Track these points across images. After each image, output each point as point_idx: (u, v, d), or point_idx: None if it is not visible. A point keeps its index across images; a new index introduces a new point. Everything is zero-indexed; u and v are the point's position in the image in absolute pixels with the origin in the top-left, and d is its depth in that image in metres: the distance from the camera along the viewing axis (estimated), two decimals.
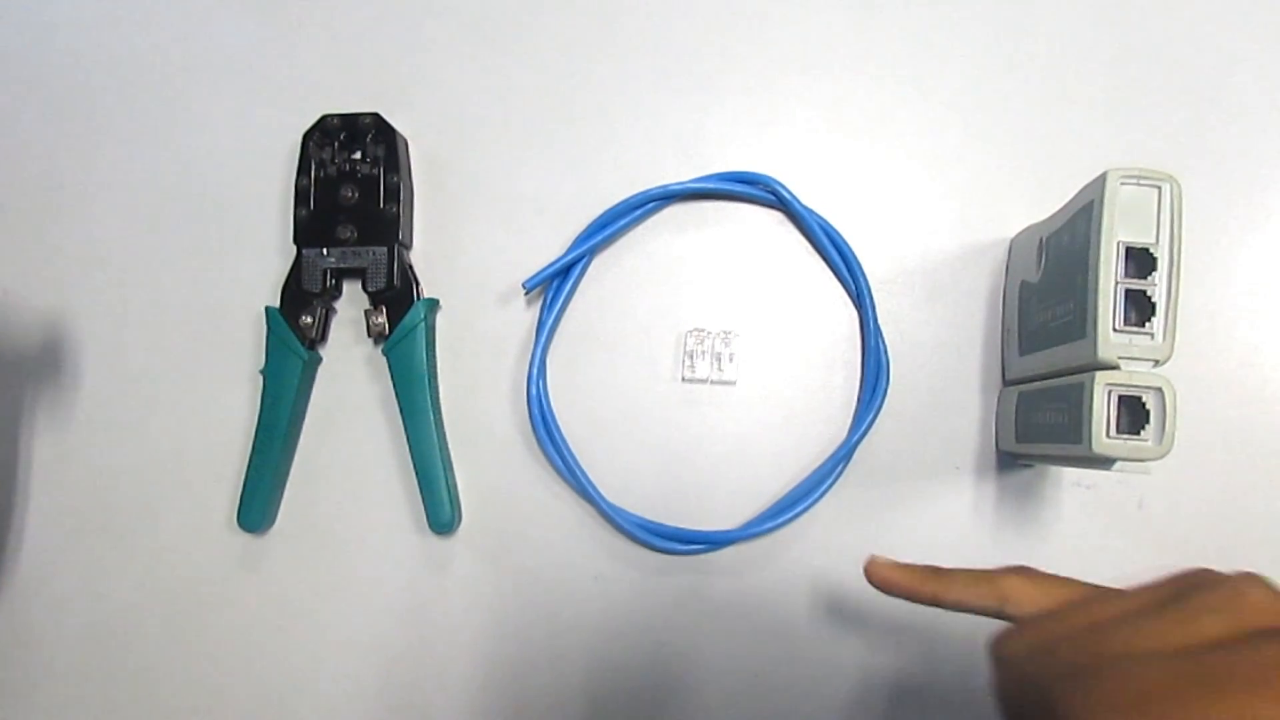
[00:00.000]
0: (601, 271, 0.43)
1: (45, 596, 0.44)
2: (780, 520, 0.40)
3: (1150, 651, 0.22)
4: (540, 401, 0.41)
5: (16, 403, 0.44)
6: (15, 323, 0.45)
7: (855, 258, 0.41)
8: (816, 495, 0.40)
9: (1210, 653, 0.21)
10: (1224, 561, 0.39)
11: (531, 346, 0.42)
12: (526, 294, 0.42)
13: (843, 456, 0.40)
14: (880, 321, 0.41)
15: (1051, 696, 0.22)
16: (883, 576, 0.31)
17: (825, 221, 0.41)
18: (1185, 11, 0.42)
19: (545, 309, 0.42)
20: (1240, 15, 0.42)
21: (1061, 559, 0.40)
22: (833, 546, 0.41)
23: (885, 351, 0.41)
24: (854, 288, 0.41)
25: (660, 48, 0.44)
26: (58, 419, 0.44)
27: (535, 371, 0.41)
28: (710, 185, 0.42)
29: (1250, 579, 0.24)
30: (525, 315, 0.43)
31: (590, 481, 0.40)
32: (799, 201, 0.41)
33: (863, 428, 0.40)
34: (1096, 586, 0.27)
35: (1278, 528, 0.39)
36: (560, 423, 0.41)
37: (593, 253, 0.42)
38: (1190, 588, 0.24)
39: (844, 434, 0.41)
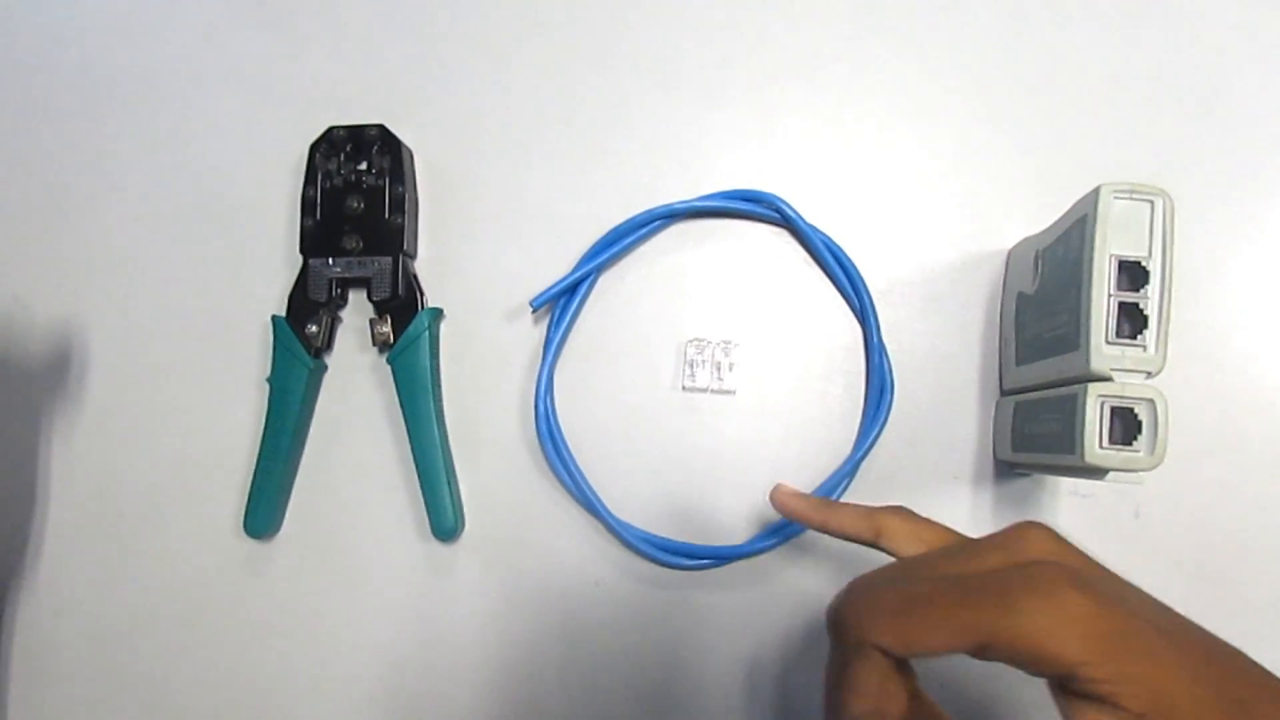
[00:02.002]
0: (606, 287, 0.43)
1: (54, 601, 0.44)
2: (785, 535, 0.40)
3: (934, 575, 0.26)
4: (548, 419, 0.41)
5: (26, 409, 0.45)
6: (25, 330, 0.46)
7: (859, 274, 0.41)
8: None
9: (978, 576, 0.25)
10: (1220, 570, 0.40)
11: (538, 362, 0.42)
12: (534, 312, 0.43)
13: (847, 472, 0.40)
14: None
15: (845, 608, 0.26)
16: (783, 502, 0.35)
17: (829, 239, 0.42)
18: (1181, 26, 0.43)
19: (552, 326, 0.42)
20: (1235, 30, 0.42)
21: None
22: (835, 560, 0.41)
23: (889, 368, 0.41)
24: (857, 304, 0.41)
25: (664, 65, 0.44)
26: (66, 425, 0.45)
27: (543, 388, 0.41)
28: (715, 204, 0.42)
29: (1034, 525, 0.27)
30: (528, 325, 0.43)
31: (599, 499, 0.41)
32: (803, 219, 0.41)
33: (867, 443, 0.40)
34: (960, 535, 0.30)
35: (1272, 536, 0.40)
36: (564, 434, 0.42)
37: (599, 270, 0.43)
38: (993, 536, 0.28)
39: (844, 444, 0.41)
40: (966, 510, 0.41)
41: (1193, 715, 0.23)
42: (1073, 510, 0.40)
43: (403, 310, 0.43)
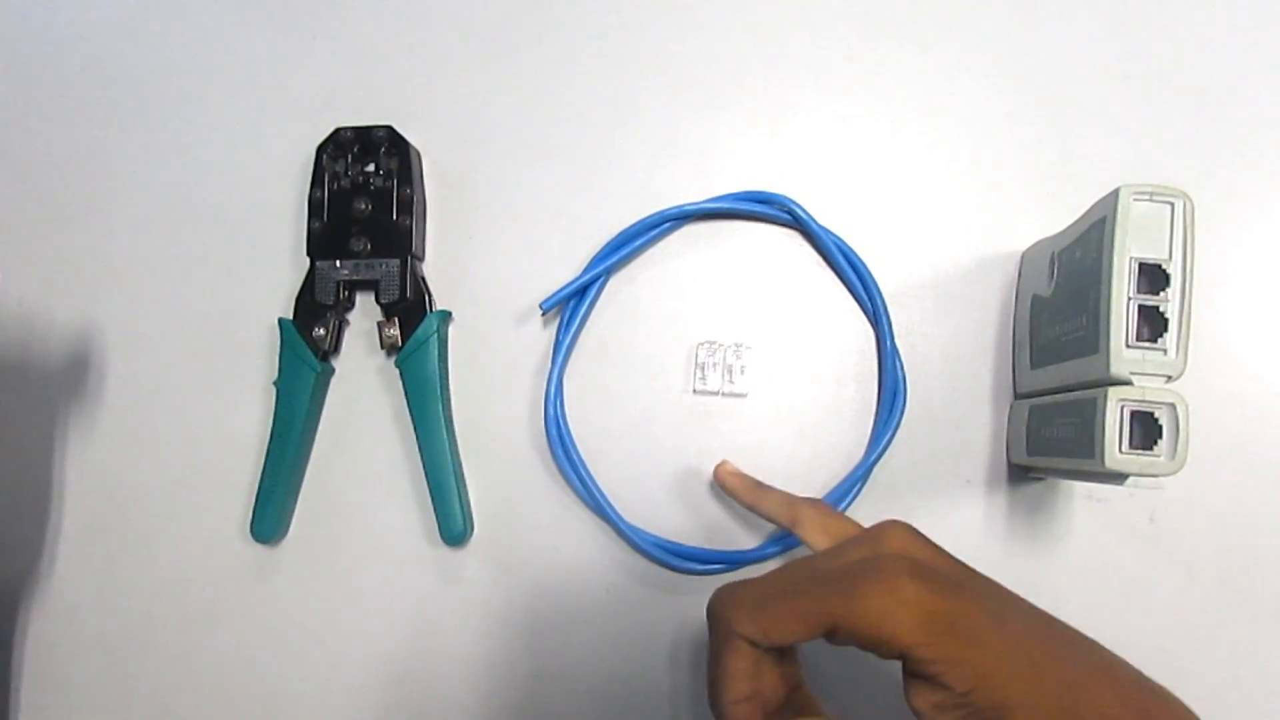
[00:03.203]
0: (616, 289, 0.43)
1: (60, 605, 0.44)
2: (795, 541, 0.39)
3: (795, 570, 0.29)
4: (558, 423, 0.41)
5: (34, 414, 0.45)
6: (31, 334, 0.45)
7: (872, 277, 0.41)
8: None
9: (835, 569, 0.27)
10: (1236, 575, 0.39)
11: (548, 365, 0.42)
12: (544, 314, 0.42)
13: (860, 476, 0.40)
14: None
15: (715, 604, 0.29)
16: (722, 479, 0.39)
17: (841, 241, 0.41)
18: (1197, 27, 0.42)
19: (562, 329, 0.42)
20: (1251, 31, 0.42)
21: (1072, 572, 0.40)
22: None
23: (902, 372, 0.41)
24: (870, 307, 0.41)
25: (674, 65, 0.44)
26: (74, 430, 0.45)
27: (552, 392, 0.41)
28: (726, 205, 0.42)
29: (894, 523, 0.30)
30: (538, 327, 0.43)
31: (609, 503, 0.40)
32: (815, 221, 0.41)
33: (880, 447, 0.40)
34: (861, 527, 0.32)
35: None
36: (574, 437, 0.41)
37: (609, 272, 0.42)
38: (859, 534, 0.30)
39: (857, 448, 0.41)
40: (980, 514, 0.41)
41: (1017, 695, 0.25)
42: (1087, 515, 0.40)
43: (411, 313, 0.42)
